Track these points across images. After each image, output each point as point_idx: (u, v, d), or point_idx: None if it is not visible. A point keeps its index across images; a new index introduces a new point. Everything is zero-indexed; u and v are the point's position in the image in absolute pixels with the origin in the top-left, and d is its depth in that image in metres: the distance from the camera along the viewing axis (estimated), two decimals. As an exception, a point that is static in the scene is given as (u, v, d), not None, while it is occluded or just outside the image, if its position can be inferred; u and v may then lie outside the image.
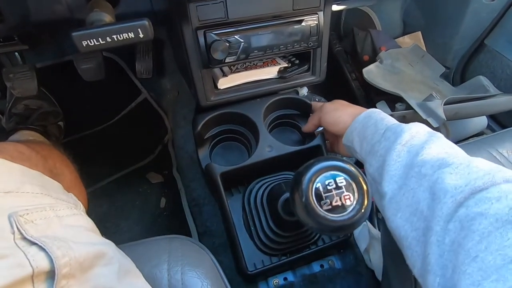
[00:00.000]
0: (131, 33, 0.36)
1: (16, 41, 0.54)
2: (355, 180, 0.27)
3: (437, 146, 0.36)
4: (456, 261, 0.27)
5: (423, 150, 0.36)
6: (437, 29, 1.03)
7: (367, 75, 0.82)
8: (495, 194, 0.28)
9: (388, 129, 0.40)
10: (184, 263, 0.41)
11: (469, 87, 0.88)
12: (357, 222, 0.27)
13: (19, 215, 0.27)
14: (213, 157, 0.63)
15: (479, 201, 0.28)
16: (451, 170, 0.32)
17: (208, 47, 0.51)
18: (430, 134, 0.38)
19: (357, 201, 0.27)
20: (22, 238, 0.27)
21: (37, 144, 0.52)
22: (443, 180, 0.31)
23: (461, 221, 0.29)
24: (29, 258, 0.25)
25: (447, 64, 1.03)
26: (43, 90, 0.89)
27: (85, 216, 0.36)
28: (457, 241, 0.28)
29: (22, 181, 0.31)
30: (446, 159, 0.34)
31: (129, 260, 0.37)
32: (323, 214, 0.26)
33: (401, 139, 0.38)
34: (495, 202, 0.27)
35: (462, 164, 0.32)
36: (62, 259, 0.26)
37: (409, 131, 0.39)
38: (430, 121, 0.66)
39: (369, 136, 0.43)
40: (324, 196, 0.26)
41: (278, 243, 0.53)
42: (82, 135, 0.99)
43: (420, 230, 0.32)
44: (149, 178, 0.94)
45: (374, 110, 0.47)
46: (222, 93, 0.60)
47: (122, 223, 0.86)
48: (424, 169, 0.34)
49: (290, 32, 0.55)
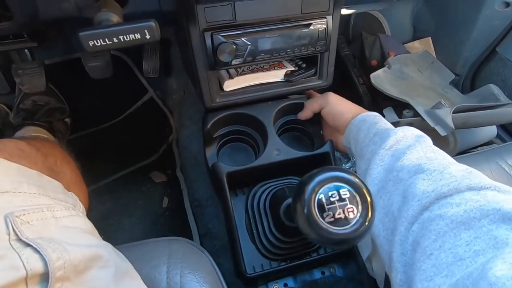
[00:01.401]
0: (138, 34, 0.36)
1: (25, 38, 0.54)
2: (359, 192, 0.27)
3: (418, 151, 0.37)
4: (414, 258, 0.30)
5: (404, 155, 0.37)
6: (448, 35, 1.01)
7: (375, 80, 0.81)
8: (456, 200, 0.30)
9: (376, 134, 0.42)
10: (184, 266, 0.41)
11: (479, 95, 0.87)
12: (360, 236, 0.26)
13: (15, 216, 0.27)
14: (220, 156, 0.63)
15: (442, 206, 0.30)
16: (425, 176, 0.34)
17: (214, 49, 0.51)
18: (416, 139, 0.39)
19: (361, 214, 0.26)
20: (17, 239, 0.26)
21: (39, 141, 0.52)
22: (415, 185, 0.33)
23: (423, 223, 0.31)
24: (23, 260, 0.25)
25: (457, 71, 1.02)
26: (51, 86, 0.90)
27: (83, 217, 0.36)
28: (417, 240, 0.30)
29: (19, 181, 0.31)
30: (423, 165, 0.35)
31: (127, 262, 0.36)
32: (325, 227, 0.25)
33: (385, 144, 0.40)
34: (454, 207, 0.30)
35: (436, 171, 0.34)
36: (57, 261, 0.26)
37: (394, 135, 0.40)
38: (438, 129, 0.64)
39: (361, 139, 0.44)
40: (327, 208, 0.25)
41: (279, 248, 0.53)
42: (88, 132, 1.00)
43: (389, 230, 0.34)
44: (152, 177, 0.94)
45: (369, 114, 0.49)
46: (227, 95, 0.60)
47: (125, 221, 0.87)
48: (402, 174, 0.36)
49: (297, 36, 0.54)
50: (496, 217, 0.27)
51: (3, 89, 0.86)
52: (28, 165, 0.35)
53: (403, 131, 0.41)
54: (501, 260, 0.23)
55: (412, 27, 1.11)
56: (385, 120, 0.46)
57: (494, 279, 0.22)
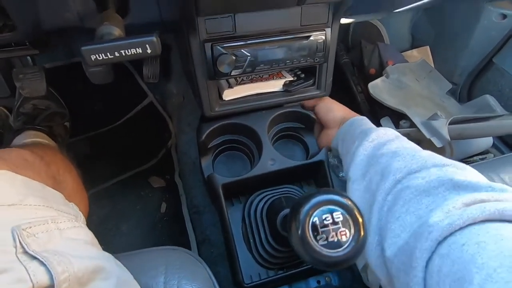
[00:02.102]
0: (139, 49, 0.37)
1: (27, 46, 0.55)
2: (352, 214, 0.27)
3: (396, 143, 0.44)
4: (386, 221, 0.36)
5: (385, 146, 0.44)
6: (446, 44, 1.02)
7: (373, 90, 0.82)
8: (422, 175, 0.36)
9: (361, 132, 0.49)
10: (181, 276, 0.41)
11: (475, 105, 0.88)
12: (352, 259, 0.27)
13: (22, 229, 0.28)
14: (216, 165, 0.64)
15: (410, 179, 0.37)
16: (400, 158, 0.40)
17: (214, 60, 0.51)
18: (395, 136, 0.46)
19: (353, 237, 0.27)
20: (23, 252, 0.27)
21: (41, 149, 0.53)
22: (391, 165, 0.40)
23: (395, 193, 0.37)
24: (30, 273, 0.26)
25: (455, 80, 1.03)
26: (51, 90, 0.90)
27: (85, 228, 0.37)
28: (389, 208, 0.36)
29: (25, 194, 0.32)
30: (399, 151, 0.42)
31: (127, 272, 0.37)
32: (318, 249, 0.26)
33: (369, 137, 0.46)
34: (420, 179, 0.36)
35: (409, 154, 0.40)
36: (62, 274, 0.27)
37: (376, 131, 0.47)
38: (433, 141, 0.65)
39: (348, 139, 0.51)
40: (321, 231, 0.26)
41: (276, 257, 0.53)
42: (87, 136, 1.00)
43: (369, 203, 0.40)
44: (151, 182, 0.95)
45: (358, 118, 0.55)
46: (227, 104, 0.61)
47: (122, 226, 0.87)
48: (381, 159, 0.42)
49: (297, 48, 0.55)
50: (450, 185, 0.33)
51: (4, 92, 0.86)
52: (32, 176, 0.35)
53: (384, 129, 0.48)
54: (440, 209, 0.30)
55: (410, 36, 1.12)
56: (370, 123, 0.53)
57: (432, 222, 0.29)
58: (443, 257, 0.27)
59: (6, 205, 0.29)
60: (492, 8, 0.87)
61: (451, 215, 0.29)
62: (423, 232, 0.30)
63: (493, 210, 0.28)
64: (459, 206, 0.30)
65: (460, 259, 0.26)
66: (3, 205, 0.29)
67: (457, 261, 0.26)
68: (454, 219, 0.28)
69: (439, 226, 0.28)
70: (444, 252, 0.27)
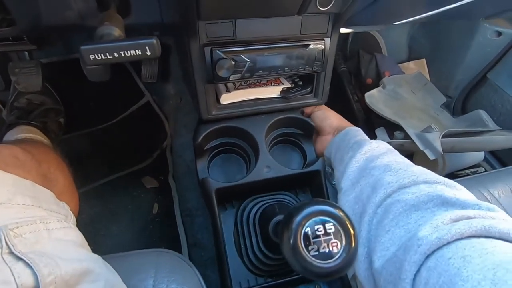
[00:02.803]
0: (139, 51, 0.37)
1: (25, 41, 0.54)
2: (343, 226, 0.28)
3: (389, 157, 0.45)
4: (376, 234, 0.36)
5: (377, 159, 0.45)
6: (442, 58, 1.04)
7: (369, 100, 0.83)
8: (413, 190, 0.37)
9: (355, 143, 0.50)
10: (171, 280, 0.41)
11: (468, 119, 0.89)
12: (342, 270, 0.27)
13: (9, 229, 0.27)
14: (211, 168, 0.63)
15: (401, 193, 0.37)
16: (392, 173, 0.41)
17: (213, 64, 0.51)
18: (388, 150, 0.47)
19: (344, 248, 0.27)
20: (9, 253, 0.27)
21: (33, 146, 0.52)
22: (383, 179, 0.41)
23: (385, 206, 0.38)
24: (15, 275, 0.25)
25: (449, 93, 1.05)
26: (47, 85, 0.89)
27: (75, 229, 0.36)
28: (380, 221, 0.37)
29: (14, 192, 0.31)
30: (391, 165, 0.43)
31: (115, 275, 0.36)
32: (309, 260, 0.26)
33: (362, 149, 0.47)
34: (410, 195, 0.37)
35: (401, 169, 0.41)
36: (48, 277, 0.26)
37: (369, 144, 0.48)
38: (427, 153, 0.66)
39: (342, 148, 0.52)
40: (312, 241, 0.26)
41: (266, 264, 0.53)
42: (81, 133, 0.99)
43: (358, 214, 0.41)
44: (144, 182, 0.94)
45: (352, 128, 0.56)
46: (224, 108, 0.61)
47: (113, 227, 0.86)
48: (373, 171, 0.43)
49: (295, 56, 0.55)
50: (438, 201, 0.34)
51: (-2, 85, 0.85)
52: (22, 174, 0.35)
53: (377, 142, 0.49)
54: (429, 224, 0.31)
55: (408, 48, 1.14)
56: (364, 135, 0.54)
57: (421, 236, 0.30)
58: (430, 270, 0.28)
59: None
60: (487, 26, 0.89)
61: (439, 230, 0.30)
62: (412, 245, 0.30)
63: (480, 227, 0.29)
64: (447, 221, 0.31)
65: (447, 272, 0.27)
66: None
67: (443, 274, 0.27)
68: (443, 233, 0.29)
69: (428, 240, 0.29)
70: (431, 265, 0.28)
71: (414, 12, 0.65)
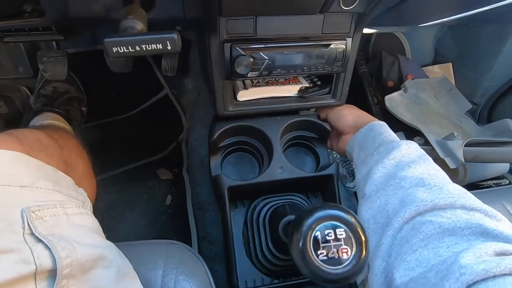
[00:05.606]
0: (160, 45, 0.37)
1: (54, 32, 0.56)
2: (354, 232, 0.27)
3: (422, 167, 0.42)
4: (400, 251, 0.35)
5: (408, 168, 0.42)
6: (470, 63, 1.00)
7: (389, 103, 0.81)
8: (448, 214, 0.35)
9: (382, 144, 0.47)
10: (179, 272, 0.42)
11: (494, 128, 0.85)
12: (351, 277, 0.26)
13: (31, 211, 0.29)
14: (224, 165, 0.64)
15: (434, 215, 0.36)
16: (425, 189, 0.39)
17: (232, 60, 0.51)
18: (419, 156, 0.44)
19: (354, 255, 0.27)
20: (30, 234, 0.28)
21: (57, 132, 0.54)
22: (415, 194, 0.38)
23: (414, 224, 0.36)
24: (34, 255, 0.26)
25: (475, 100, 1.00)
26: (72, 75, 0.93)
27: (91, 215, 0.38)
28: (405, 238, 0.35)
29: (38, 176, 0.33)
30: (425, 179, 0.40)
31: (127, 263, 0.38)
32: (317, 264, 0.26)
33: (390, 154, 0.44)
34: (445, 218, 0.35)
35: (436, 186, 0.39)
36: (65, 260, 0.28)
37: (398, 148, 0.45)
38: (447, 161, 0.64)
39: (366, 148, 0.49)
40: (322, 246, 0.26)
41: (274, 264, 0.53)
42: (101, 123, 1.02)
43: (380, 225, 0.39)
44: (158, 174, 0.96)
45: (376, 123, 0.53)
46: (240, 104, 0.61)
47: (127, 214, 0.88)
48: (403, 182, 0.40)
49: (315, 55, 0.55)
50: (477, 230, 0.32)
51: (27, 72, 0.89)
52: (45, 158, 0.36)
53: (407, 145, 0.45)
54: (471, 252, 0.29)
55: (434, 51, 1.09)
56: (390, 131, 0.50)
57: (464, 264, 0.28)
58: None
59: (18, 186, 0.30)
60: (521, 30, 0.84)
61: (486, 261, 0.28)
62: (453, 271, 0.28)
63: None
64: (491, 253, 0.29)
65: None
66: (16, 186, 0.30)
67: None
68: (491, 266, 0.27)
69: (473, 270, 0.28)
70: None
71: (444, 14, 0.62)
